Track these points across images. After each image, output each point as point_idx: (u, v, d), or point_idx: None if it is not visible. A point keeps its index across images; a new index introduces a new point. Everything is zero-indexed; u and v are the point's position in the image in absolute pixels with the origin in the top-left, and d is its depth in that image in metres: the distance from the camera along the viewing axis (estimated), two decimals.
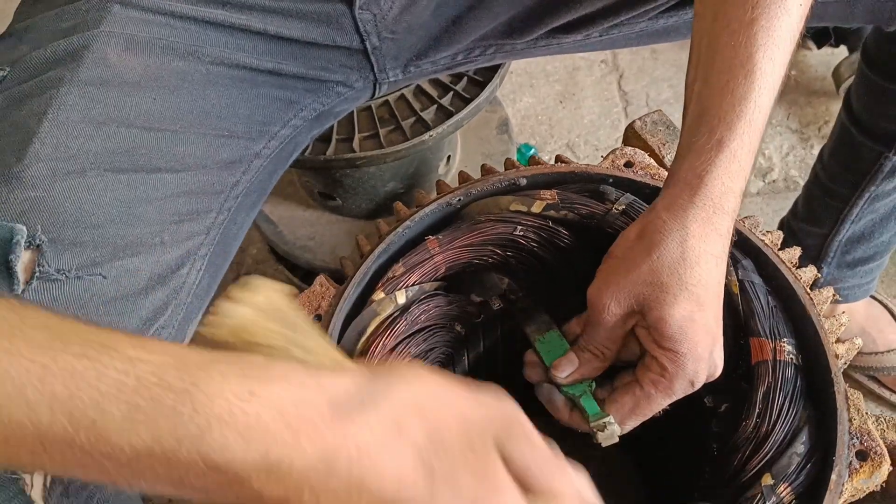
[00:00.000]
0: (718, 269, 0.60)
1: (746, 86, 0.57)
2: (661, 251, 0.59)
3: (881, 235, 1.09)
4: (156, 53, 0.66)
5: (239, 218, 0.71)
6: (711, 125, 0.58)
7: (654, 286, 0.59)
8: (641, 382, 0.62)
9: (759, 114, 0.58)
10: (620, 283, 0.61)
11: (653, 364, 0.61)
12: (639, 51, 1.64)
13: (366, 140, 0.94)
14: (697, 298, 0.59)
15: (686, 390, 0.61)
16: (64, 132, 0.59)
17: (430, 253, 0.72)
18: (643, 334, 0.62)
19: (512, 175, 0.76)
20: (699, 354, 0.59)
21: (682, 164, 0.60)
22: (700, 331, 0.59)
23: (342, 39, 0.75)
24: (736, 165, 0.58)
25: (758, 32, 0.58)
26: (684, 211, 0.58)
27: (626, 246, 0.63)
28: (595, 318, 0.63)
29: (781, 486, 0.62)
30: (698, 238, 0.58)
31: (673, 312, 0.58)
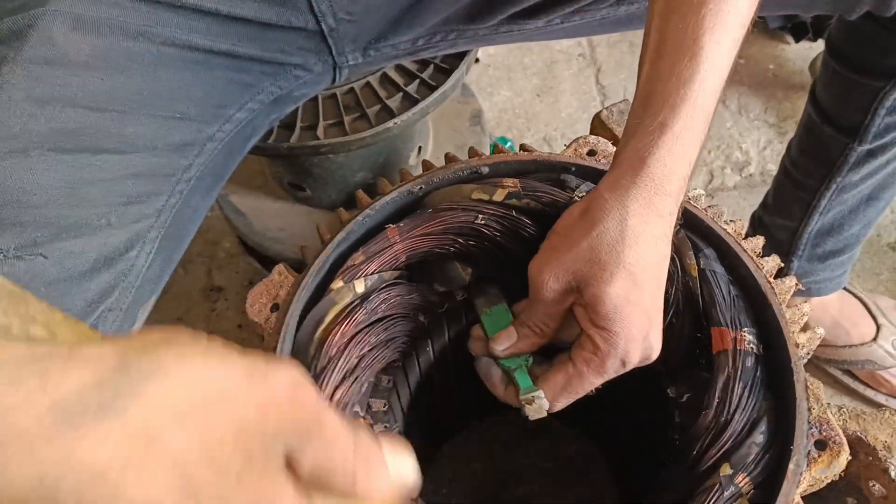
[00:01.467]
0: (658, 250, 0.60)
1: (691, 68, 0.57)
2: (601, 229, 0.59)
3: (850, 228, 1.09)
4: (104, 33, 0.65)
5: (193, 202, 0.70)
6: (656, 108, 0.58)
7: (592, 263, 0.59)
8: (574, 360, 0.62)
9: (705, 97, 0.58)
10: (560, 259, 0.61)
11: (587, 342, 0.61)
12: (617, 44, 1.63)
13: (330, 127, 0.92)
14: (634, 278, 0.59)
15: (617, 370, 0.62)
16: (5, 111, 0.58)
17: (389, 241, 0.70)
18: (580, 312, 0.62)
19: (474, 163, 0.75)
20: (632, 335, 0.60)
21: (627, 145, 0.60)
22: (634, 311, 0.59)
23: (297, 20, 0.74)
24: (679, 148, 0.58)
25: (705, 16, 0.57)
26: (626, 191, 0.58)
27: (568, 223, 0.63)
28: (535, 293, 0.64)
29: (739, 475, 0.61)
30: (638, 218, 0.58)
31: (609, 290, 0.58)
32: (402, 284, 0.72)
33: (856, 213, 1.06)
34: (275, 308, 0.70)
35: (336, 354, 0.66)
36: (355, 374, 0.67)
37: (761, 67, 1.58)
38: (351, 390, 0.66)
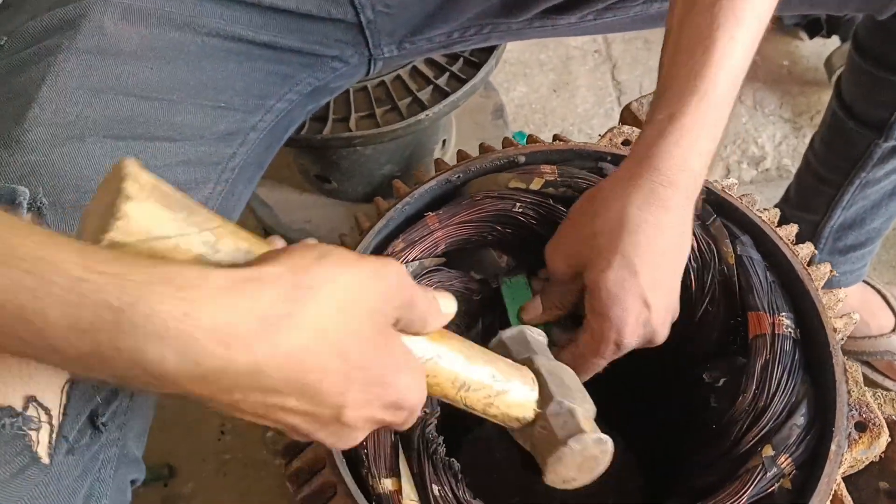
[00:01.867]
0: (662, 240, 0.61)
1: (703, 62, 0.58)
2: (604, 217, 0.61)
3: (872, 222, 1.10)
4: (152, 24, 0.66)
5: (237, 190, 0.71)
6: (669, 101, 0.59)
7: (592, 249, 0.61)
8: (578, 342, 0.65)
9: (718, 91, 0.59)
10: (567, 243, 0.65)
11: (587, 326, 0.64)
12: (632, 41, 1.64)
13: (362, 119, 0.94)
14: (631, 266, 0.60)
15: (614, 353, 0.63)
16: (62, 98, 0.59)
17: (429, 229, 0.71)
18: (586, 296, 0.64)
19: (511, 152, 0.76)
20: (626, 320, 0.61)
21: (640, 137, 0.62)
22: (630, 297, 0.61)
23: (337, 12, 0.75)
24: (688, 140, 0.59)
25: (719, 12, 0.58)
26: (629, 181, 0.60)
27: (579, 209, 0.66)
28: (549, 273, 0.68)
29: (782, 456, 0.62)
30: (639, 207, 0.60)
31: (606, 276, 0.60)
32: (443, 271, 0.73)
33: (878, 208, 1.07)
34: None
35: None
36: None
37: (776, 64, 1.59)
38: None
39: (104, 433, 0.53)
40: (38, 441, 0.47)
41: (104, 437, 0.53)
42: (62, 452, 0.49)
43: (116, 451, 0.54)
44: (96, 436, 0.52)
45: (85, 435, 0.51)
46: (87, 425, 0.51)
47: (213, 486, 1.16)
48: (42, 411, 0.48)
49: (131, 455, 0.57)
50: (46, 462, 0.48)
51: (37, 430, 0.47)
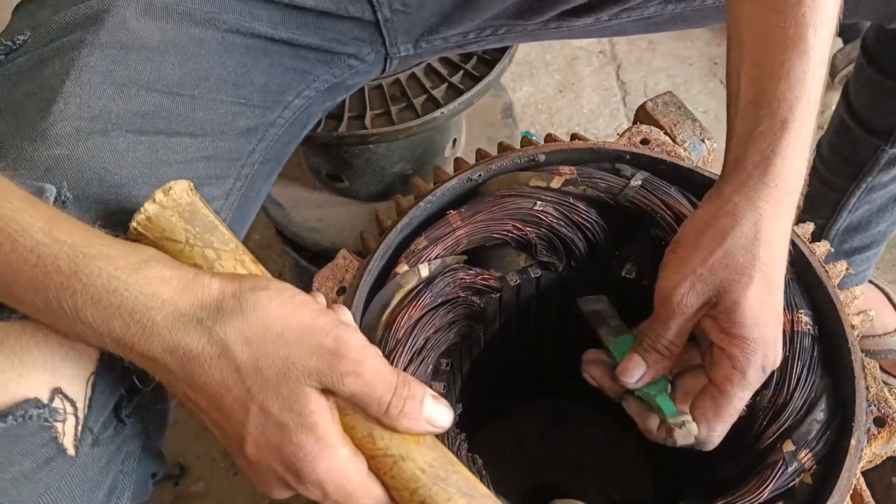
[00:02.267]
0: (786, 247, 0.60)
1: (802, 66, 0.57)
2: (736, 233, 0.58)
3: (877, 225, 1.11)
4: (173, 19, 0.66)
5: (256, 186, 0.71)
6: (772, 108, 0.58)
7: (729, 269, 0.58)
8: (716, 382, 0.60)
9: (815, 93, 0.58)
10: (697, 272, 0.59)
11: (722, 358, 0.59)
12: (636, 41, 1.65)
13: (377, 117, 0.94)
14: (769, 280, 0.58)
15: (760, 379, 0.59)
16: (87, 92, 0.59)
17: (451, 227, 0.72)
18: (710, 325, 0.60)
19: (531, 151, 0.76)
20: (768, 339, 0.58)
21: (748, 148, 0.59)
22: (768, 314, 0.58)
23: (354, 10, 0.75)
24: (801, 146, 0.58)
25: (806, 12, 0.58)
26: (756, 192, 0.58)
27: (695, 234, 0.61)
28: (669, 313, 0.60)
29: (802, 451, 0.63)
30: (771, 218, 0.58)
31: (748, 294, 0.57)
32: (464, 269, 0.73)
33: (884, 212, 1.08)
34: (341, 291, 0.71)
35: (404, 336, 0.67)
36: (422, 355, 0.68)
37: None
38: (418, 371, 0.67)
39: (128, 425, 0.53)
40: (64, 433, 0.48)
41: (128, 430, 0.53)
42: (87, 444, 0.49)
43: (139, 444, 0.55)
44: (120, 428, 0.52)
45: (109, 427, 0.51)
46: (112, 417, 0.52)
47: (225, 485, 1.16)
48: (68, 403, 0.48)
49: (153, 448, 0.57)
50: (72, 454, 0.48)
51: (62, 421, 0.48)
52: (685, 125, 0.86)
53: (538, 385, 1.06)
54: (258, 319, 0.46)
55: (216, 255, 0.52)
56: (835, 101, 1.55)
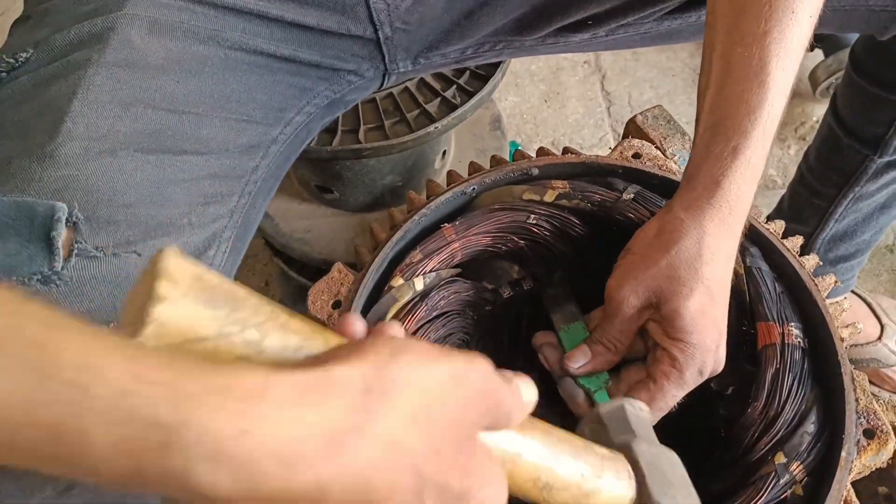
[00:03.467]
0: (729, 266, 0.64)
1: (760, 95, 0.60)
2: (680, 247, 0.62)
3: (863, 234, 1.13)
4: (177, 37, 0.67)
5: (258, 202, 0.71)
6: (727, 134, 0.61)
7: (671, 280, 0.62)
8: (654, 376, 0.64)
9: (772, 122, 0.61)
10: (640, 277, 0.64)
11: (664, 356, 0.63)
12: (621, 52, 1.67)
13: (371, 131, 0.95)
14: (711, 293, 0.62)
15: (696, 381, 0.64)
16: (94, 112, 0.59)
17: (446, 240, 0.73)
18: (654, 328, 0.65)
19: (525, 165, 0.77)
20: (707, 346, 0.62)
21: (700, 169, 0.62)
22: (710, 324, 0.62)
23: (356, 28, 0.76)
24: (750, 171, 0.61)
25: (770, 44, 0.60)
26: (702, 212, 0.62)
27: (644, 242, 0.66)
28: (613, 310, 0.66)
29: (794, 463, 0.64)
30: (714, 237, 0.61)
31: (688, 304, 0.61)
32: (459, 282, 0.74)
33: (869, 221, 1.10)
34: (336, 305, 0.71)
35: None
36: None
37: None
38: None
39: None
40: None
41: None
42: None
43: None
44: None
45: None
46: None
47: None
48: None
49: None
50: None
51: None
52: (674, 139, 0.87)
53: None
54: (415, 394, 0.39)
55: (259, 334, 0.39)
56: (815, 112, 1.58)
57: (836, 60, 1.50)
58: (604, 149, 1.51)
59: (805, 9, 0.61)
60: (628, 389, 0.66)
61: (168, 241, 0.59)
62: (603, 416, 0.56)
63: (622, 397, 0.61)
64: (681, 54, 1.69)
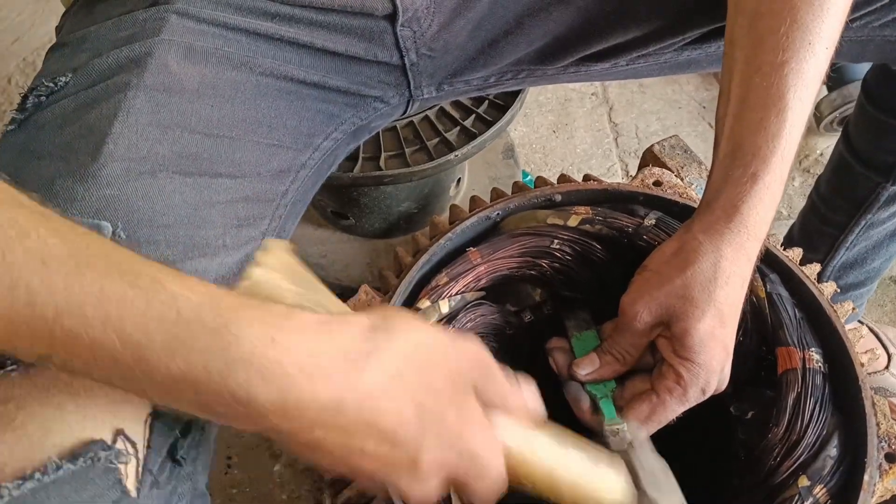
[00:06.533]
0: (742, 290, 0.65)
1: (779, 123, 0.62)
2: (695, 269, 0.63)
3: (873, 262, 1.14)
4: (212, 63, 0.68)
5: (287, 226, 0.72)
6: (746, 160, 0.63)
7: (684, 300, 0.64)
8: (657, 390, 0.66)
9: (790, 149, 0.63)
10: (654, 294, 0.65)
11: (669, 372, 0.66)
12: (627, 84, 1.70)
13: (391, 159, 0.96)
14: (722, 316, 0.63)
15: (697, 398, 0.66)
16: (134, 134, 0.60)
17: (472, 263, 0.74)
18: (663, 344, 0.67)
19: (548, 191, 0.79)
20: (713, 367, 0.64)
21: (720, 193, 0.64)
22: (718, 346, 0.64)
23: (383, 55, 0.78)
24: (769, 197, 0.63)
25: (788, 74, 0.62)
26: (720, 235, 0.63)
27: (661, 261, 0.67)
28: (625, 324, 0.68)
29: (817, 487, 0.65)
30: (730, 261, 0.63)
31: (698, 326, 0.63)
32: (484, 305, 0.75)
33: (879, 248, 1.11)
34: None
35: None
36: None
37: None
38: None
39: (183, 466, 0.53)
40: (127, 475, 0.48)
41: (182, 471, 0.53)
42: (147, 486, 0.49)
43: (190, 485, 0.55)
44: (175, 469, 0.52)
45: (166, 468, 0.51)
46: (168, 459, 0.52)
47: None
48: (129, 444, 0.48)
49: (200, 489, 0.58)
50: (134, 495, 0.48)
51: (125, 463, 0.47)
52: (691, 168, 0.89)
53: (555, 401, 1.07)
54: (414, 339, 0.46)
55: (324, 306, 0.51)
56: (819, 145, 1.61)
57: (841, 95, 1.53)
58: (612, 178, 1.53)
59: (821, 41, 0.63)
60: (631, 399, 0.68)
61: (204, 262, 0.60)
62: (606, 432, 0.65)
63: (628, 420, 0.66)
64: (686, 87, 1.71)
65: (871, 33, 0.79)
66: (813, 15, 0.62)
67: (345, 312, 0.51)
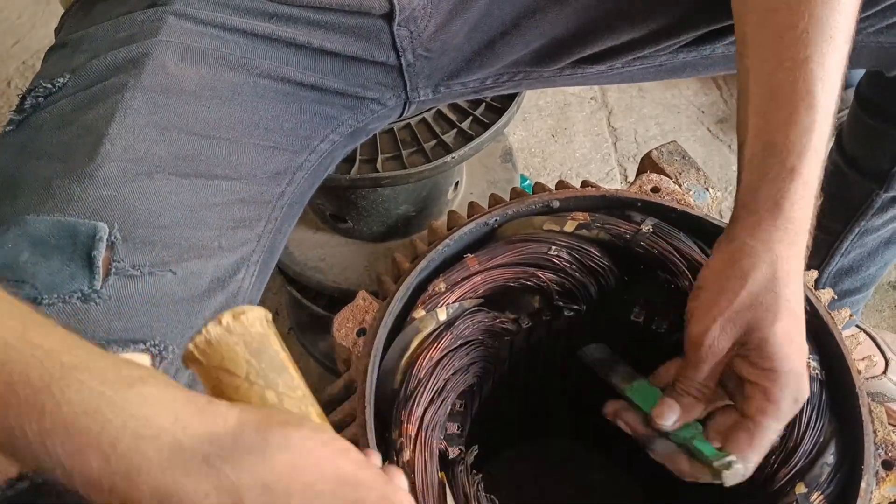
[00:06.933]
0: (802, 285, 0.63)
1: (810, 117, 0.61)
2: (756, 275, 0.60)
3: (868, 268, 1.14)
4: (210, 64, 0.68)
5: (283, 228, 0.72)
6: (782, 156, 0.61)
7: (755, 308, 0.60)
8: (749, 414, 0.61)
9: (822, 143, 0.62)
10: (725, 315, 0.61)
11: (755, 391, 0.61)
12: (627, 89, 1.70)
13: (388, 161, 0.96)
14: (794, 314, 0.61)
15: (793, 410, 0.61)
16: (132, 135, 0.60)
17: (469, 270, 0.73)
18: (740, 364, 0.62)
19: (546, 197, 0.79)
20: (799, 371, 0.60)
21: (758, 192, 0.62)
22: (797, 348, 0.61)
23: (380, 55, 0.78)
24: (809, 191, 0.61)
25: (814, 69, 0.61)
26: (770, 235, 0.61)
27: (715, 277, 0.63)
28: (699, 356, 0.63)
29: (814, 494, 0.65)
30: (787, 259, 0.61)
31: (775, 330, 0.60)
32: (482, 311, 0.75)
33: (874, 255, 1.11)
34: (361, 333, 0.72)
35: (425, 377, 0.68)
36: (442, 395, 0.69)
37: None
38: (438, 412, 0.69)
39: None
40: None
41: None
42: None
43: None
44: None
45: None
46: None
47: None
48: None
49: None
50: None
51: None
52: (689, 174, 0.89)
53: (539, 426, 1.07)
54: (285, 463, 0.38)
55: (278, 400, 0.44)
56: None
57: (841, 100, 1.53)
58: (611, 183, 1.53)
59: (840, 34, 0.62)
60: (725, 438, 0.63)
61: (200, 264, 0.60)
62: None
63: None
64: (685, 92, 1.71)
65: (865, 39, 0.79)
66: (829, 8, 0.62)
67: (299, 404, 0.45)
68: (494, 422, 0.95)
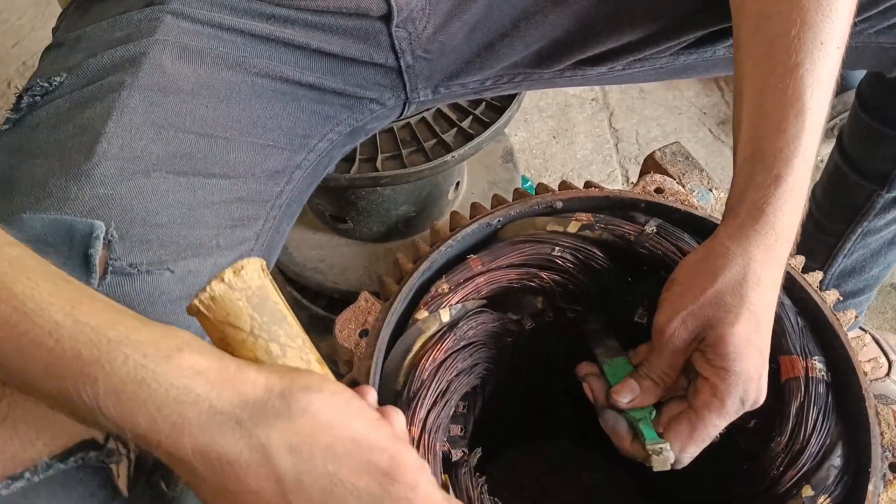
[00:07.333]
0: (775, 293, 0.63)
1: (798, 125, 0.61)
2: (726, 274, 0.61)
3: (871, 269, 1.14)
4: (207, 63, 0.67)
5: (282, 227, 0.72)
6: (767, 162, 0.61)
7: (718, 307, 0.61)
8: (695, 407, 0.63)
9: (811, 150, 0.62)
10: (689, 308, 0.63)
11: (704, 386, 0.63)
12: (628, 90, 1.69)
13: (388, 160, 0.95)
14: (756, 319, 0.61)
15: (738, 410, 0.63)
16: (128, 133, 0.60)
17: (472, 271, 0.73)
18: (698, 358, 0.64)
19: (549, 198, 0.78)
20: (750, 374, 0.62)
21: (743, 198, 0.63)
22: (754, 353, 0.62)
23: (378, 56, 0.77)
24: (794, 198, 0.62)
25: (804, 75, 0.61)
26: (747, 239, 0.61)
27: (689, 271, 0.65)
28: (662, 344, 0.65)
29: (821, 497, 0.64)
30: (760, 263, 0.61)
31: (733, 331, 0.61)
32: (486, 313, 0.74)
33: (877, 256, 1.11)
34: (364, 334, 0.71)
35: (428, 378, 0.68)
36: (445, 397, 0.68)
37: None
38: (441, 413, 0.68)
39: None
40: (119, 474, 0.48)
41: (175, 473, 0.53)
42: (140, 485, 0.49)
43: (182, 486, 0.54)
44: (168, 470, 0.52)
45: (159, 468, 0.51)
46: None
47: None
48: (121, 444, 0.48)
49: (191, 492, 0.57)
50: (126, 495, 0.48)
51: (117, 463, 0.48)
52: (693, 175, 0.88)
53: (541, 427, 1.07)
54: (307, 426, 0.43)
55: (281, 352, 0.47)
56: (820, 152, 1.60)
57: (841, 102, 1.53)
58: (613, 185, 1.52)
59: (833, 40, 0.63)
60: (669, 421, 0.65)
61: (197, 262, 0.59)
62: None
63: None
64: (687, 93, 1.71)
65: (866, 40, 0.79)
66: (822, 15, 0.62)
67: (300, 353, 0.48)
68: (496, 423, 0.94)
